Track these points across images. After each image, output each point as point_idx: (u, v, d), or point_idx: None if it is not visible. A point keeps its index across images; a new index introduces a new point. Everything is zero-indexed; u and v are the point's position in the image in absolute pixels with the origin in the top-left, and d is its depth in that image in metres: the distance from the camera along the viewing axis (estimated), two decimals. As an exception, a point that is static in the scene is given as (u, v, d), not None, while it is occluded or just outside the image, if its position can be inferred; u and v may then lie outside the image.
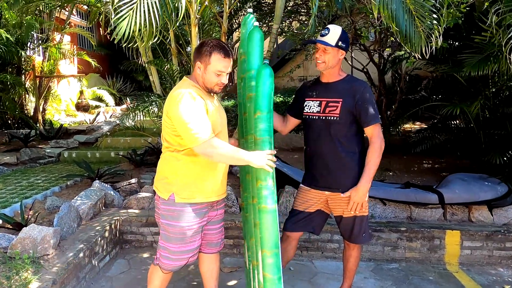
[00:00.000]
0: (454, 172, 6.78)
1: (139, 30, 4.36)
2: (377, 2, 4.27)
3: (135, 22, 4.26)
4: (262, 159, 3.22)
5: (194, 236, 3.60)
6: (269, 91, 3.39)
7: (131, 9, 4.30)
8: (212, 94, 3.61)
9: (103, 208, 6.30)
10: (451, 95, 8.10)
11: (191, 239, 3.59)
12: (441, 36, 4.60)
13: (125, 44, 4.70)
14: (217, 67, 3.42)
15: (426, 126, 9.87)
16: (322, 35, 3.80)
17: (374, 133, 3.81)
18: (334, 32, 3.77)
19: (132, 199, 6.37)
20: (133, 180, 7.15)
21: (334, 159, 3.89)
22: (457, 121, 8.22)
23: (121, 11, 4.34)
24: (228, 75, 3.57)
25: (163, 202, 3.57)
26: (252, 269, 3.79)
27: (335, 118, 3.83)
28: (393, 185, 6.47)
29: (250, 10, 4.18)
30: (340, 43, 3.78)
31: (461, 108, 6.87)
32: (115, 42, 4.38)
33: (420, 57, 4.63)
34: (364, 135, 3.92)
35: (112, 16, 4.34)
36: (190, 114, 3.26)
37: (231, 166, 7.64)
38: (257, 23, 3.82)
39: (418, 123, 11.31)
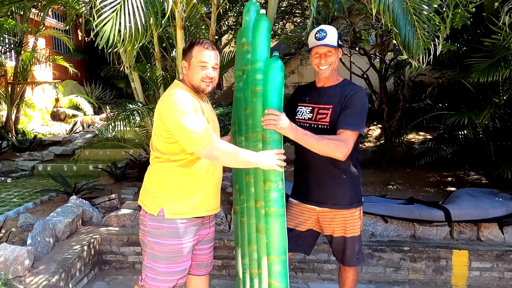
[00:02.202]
0: (462, 187, 6.81)
1: (123, 34, 4.33)
2: (377, 1, 4.27)
3: (120, 25, 4.24)
4: (272, 160, 3.29)
5: (185, 256, 3.55)
6: (280, 86, 3.51)
7: (115, 10, 4.26)
8: (203, 98, 3.63)
9: (81, 226, 6.28)
10: (459, 103, 8.10)
11: (181, 259, 3.53)
12: (441, 43, 4.57)
13: (109, 50, 4.68)
14: (199, 58, 3.45)
15: (431, 137, 9.84)
16: (320, 39, 3.75)
17: (343, 136, 3.64)
18: (331, 33, 3.75)
19: (112, 216, 6.36)
20: (113, 196, 7.14)
21: (324, 172, 3.86)
22: (465, 132, 8.22)
23: (103, 12, 4.27)
24: (216, 70, 3.58)
25: (151, 219, 3.51)
26: (250, 278, 3.82)
27: (325, 126, 3.79)
28: (395, 201, 6.47)
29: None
30: (340, 42, 3.80)
31: (469, 118, 6.81)
32: (100, 47, 4.36)
33: (416, 64, 4.63)
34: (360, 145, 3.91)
35: (95, 18, 4.32)
36: (190, 116, 3.27)
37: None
38: (263, 11, 3.83)
39: (422, 133, 11.33)
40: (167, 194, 3.49)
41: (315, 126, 3.84)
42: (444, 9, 4.69)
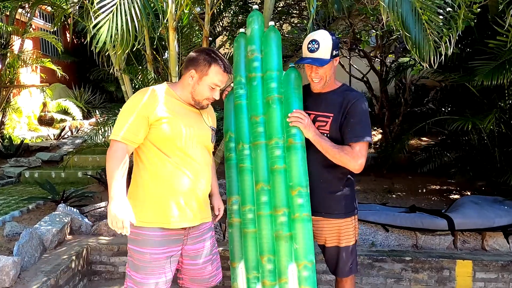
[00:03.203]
0: (466, 195, 6.82)
1: (120, 35, 4.31)
2: (385, 2, 4.22)
3: (117, 26, 4.22)
4: (115, 211, 3.21)
5: (159, 268, 3.46)
6: (300, 93, 3.84)
7: (111, 11, 4.25)
8: (197, 108, 3.62)
9: (69, 235, 6.28)
10: (462, 108, 8.11)
11: (155, 270, 3.45)
12: (453, 43, 4.57)
13: (105, 52, 4.65)
14: (214, 80, 3.46)
15: (434, 143, 9.88)
16: (312, 51, 3.68)
17: (357, 149, 3.66)
18: (324, 43, 3.66)
19: (102, 225, 6.35)
20: (103, 204, 7.13)
21: (319, 180, 3.83)
22: (469, 137, 8.23)
23: (99, 14, 4.23)
24: (220, 91, 3.60)
25: (131, 225, 3.44)
26: None
27: (325, 134, 3.75)
28: (396, 209, 6.48)
29: (256, 6, 4.27)
30: (334, 53, 3.70)
31: (474, 122, 6.82)
32: (96, 51, 4.35)
33: (428, 66, 4.62)
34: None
35: (93, 19, 4.29)
36: (126, 107, 3.39)
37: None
38: (272, 23, 4.08)
39: (425, 139, 11.37)
40: (138, 201, 3.46)
41: None
42: (448, 10, 4.69)
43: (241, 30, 4.24)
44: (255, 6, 4.07)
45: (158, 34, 6.76)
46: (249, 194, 3.94)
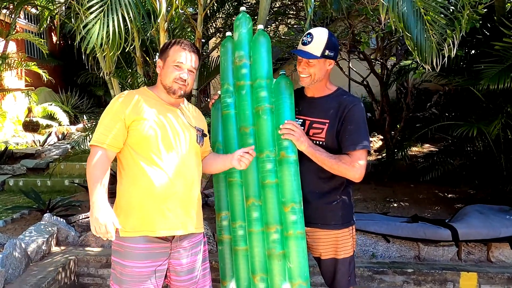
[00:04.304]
0: (470, 204, 6.80)
1: (111, 37, 4.29)
2: (386, 2, 4.18)
3: (108, 27, 4.20)
4: (97, 218, 3.22)
5: (142, 282, 3.41)
6: (292, 102, 3.76)
7: (102, 11, 4.22)
8: (176, 103, 3.61)
9: (56, 246, 6.26)
10: (467, 113, 8.11)
11: (138, 285, 3.40)
12: (456, 45, 4.55)
13: (95, 55, 4.64)
14: (175, 58, 3.46)
15: (437, 150, 9.84)
16: (304, 43, 3.66)
17: (355, 158, 3.62)
18: (318, 39, 3.63)
19: (89, 236, 6.34)
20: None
21: (315, 190, 3.81)
22: (474, 144, 8.23)
23: (90, 14, 4.20)
24: (192, 74, 3.57)
25: (115, 235, 3.40)
26: None
27: (320, 142, 3.72)
28: (398, 219, 6.48)
29: (243, 8, 4.19)
30: (327, 52, 3.64)
31: (479, 128, 6.79)
32: (87, 52, 4.34)
33: (430, 69, 4.61)
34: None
35: (83, 20, 4.27)
36: (104, 112, 3.40)
37: (205, 196, 7.63)
38: (261, 26, 3.99)
39: (427, 145, 11.36)
40: (121, 210, 3.45)
41: None
42: (451, 9, 4.69)
43: (228, 34, 4.18)
44: (242, 8, 4.02)
45: (149, 36, 6.76)
46: (239, 210, 3.92)
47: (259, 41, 3.87)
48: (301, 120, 3.84)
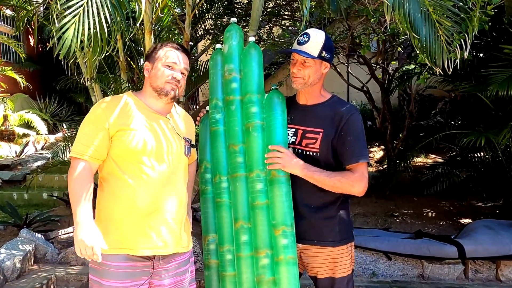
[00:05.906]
0: (478, 218, 6.80)
1: (87, 40, 4.24)
2: (390, 1, 4.13)
3: (84, 30, 4.15)
4: (82, 238, 3.15)
5: None
6: (284, 119, 3.71)
7: (77, 14, 4.16)
8: (165, 109, 3.52)
9: (33, 263, 6.23)
10: (474, 121, 8.11)
11: None
12: (468, 45, 4.50)
13: (69, 60, 4.60)
14: (167, 59, 3.42)
15: (442, 160, 9.89)
16: (300, 43, 3.62)
17: (357, 170, 3.58)
18: (316, 39, 3.60)
19: (69, 253, 6.31)
20: (70, 229, 7.09)
21: (310, 204, 3.74)
22: (482, 154, 8.22)
23: (64, 16, 4.15)
24: (184, 77, 3.53)
25: None
26: None
27: (314, 153, 3.67)
28: (400, 235, 6.46)
29: (234, 19, 4.17)
30: (324, 53, 3.61)
31: (487, 138, 6.77)
32: (60, 58, 4.28)
33: (441, 72, 4.56)
34: None
35: (56, 23, 4.23)
36: (85, 120, 3.32)
37: (194, 211, 7.58)
38: (253, 38, 3.95)
39: (432, 156, 11.39)
40: (100, 225, 3.32)
41: (301, 151, 3.72)
42: (460, 4, 4.65)
43: (218, 46, 4.14)
44: (233, 19, 3.99)
45: (133, 38, 6.72)
46: (227, 233, 3.86)
47: (250, 54, 3.82)
48: (293, 130, 3.78)
